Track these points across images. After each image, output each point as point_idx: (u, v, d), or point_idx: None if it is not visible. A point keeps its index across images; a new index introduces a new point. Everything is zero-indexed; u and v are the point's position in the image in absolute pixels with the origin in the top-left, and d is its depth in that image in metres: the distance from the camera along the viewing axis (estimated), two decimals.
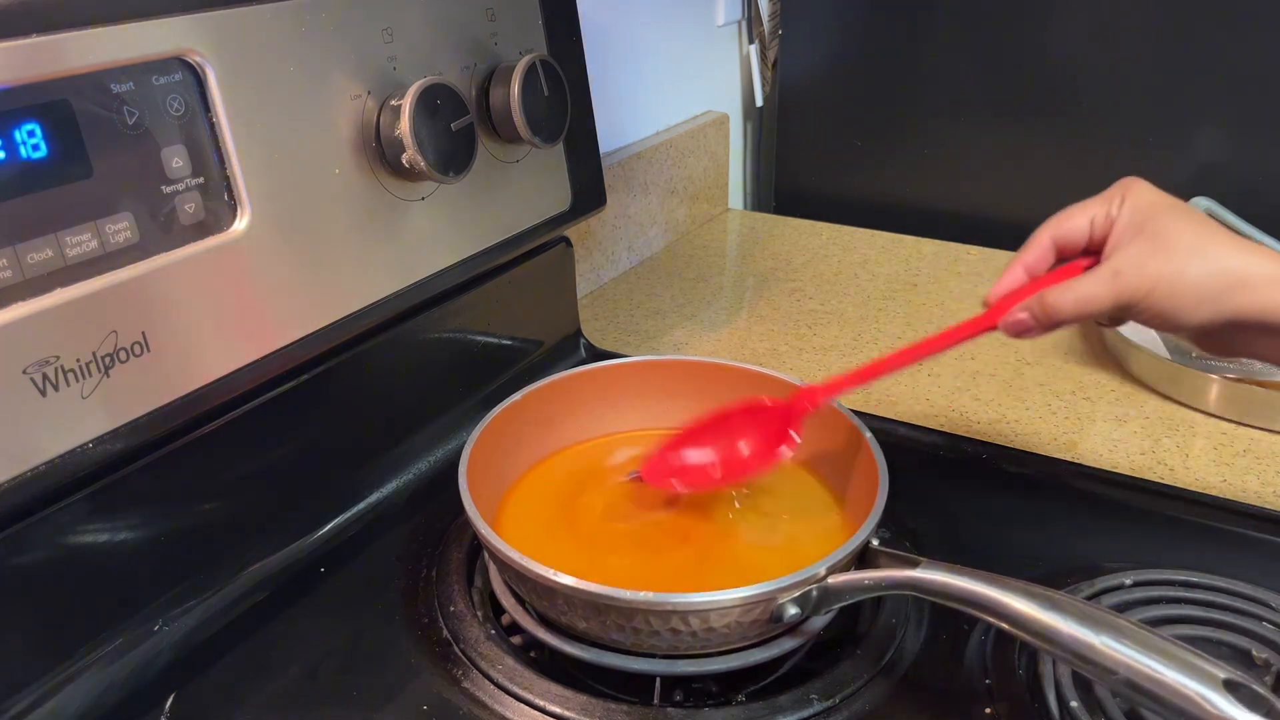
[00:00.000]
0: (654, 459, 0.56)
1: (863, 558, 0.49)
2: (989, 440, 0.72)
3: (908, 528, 0.60)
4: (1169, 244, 0.44)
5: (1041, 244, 0.50)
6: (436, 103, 0.56)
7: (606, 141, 0.99)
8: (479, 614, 0.53)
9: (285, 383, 0.56)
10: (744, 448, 0.55)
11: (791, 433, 0.54)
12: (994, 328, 0.50)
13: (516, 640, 0.53)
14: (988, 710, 0.48)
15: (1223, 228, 0.45)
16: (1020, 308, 0.48)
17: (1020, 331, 0.49)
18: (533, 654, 0.53)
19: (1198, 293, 0.44)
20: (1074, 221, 0.49)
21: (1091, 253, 0.49)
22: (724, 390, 0.63)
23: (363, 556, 0.59)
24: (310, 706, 0.49)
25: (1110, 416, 0.77)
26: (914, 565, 0.45)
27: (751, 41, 1.25)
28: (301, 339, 0.54)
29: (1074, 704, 0.46)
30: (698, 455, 0.55)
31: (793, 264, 1.08)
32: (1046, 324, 0.48)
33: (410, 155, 0.55)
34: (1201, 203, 0.93)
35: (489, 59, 0.63)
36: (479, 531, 0.50)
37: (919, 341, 0.51)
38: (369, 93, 0.55)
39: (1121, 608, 0.52)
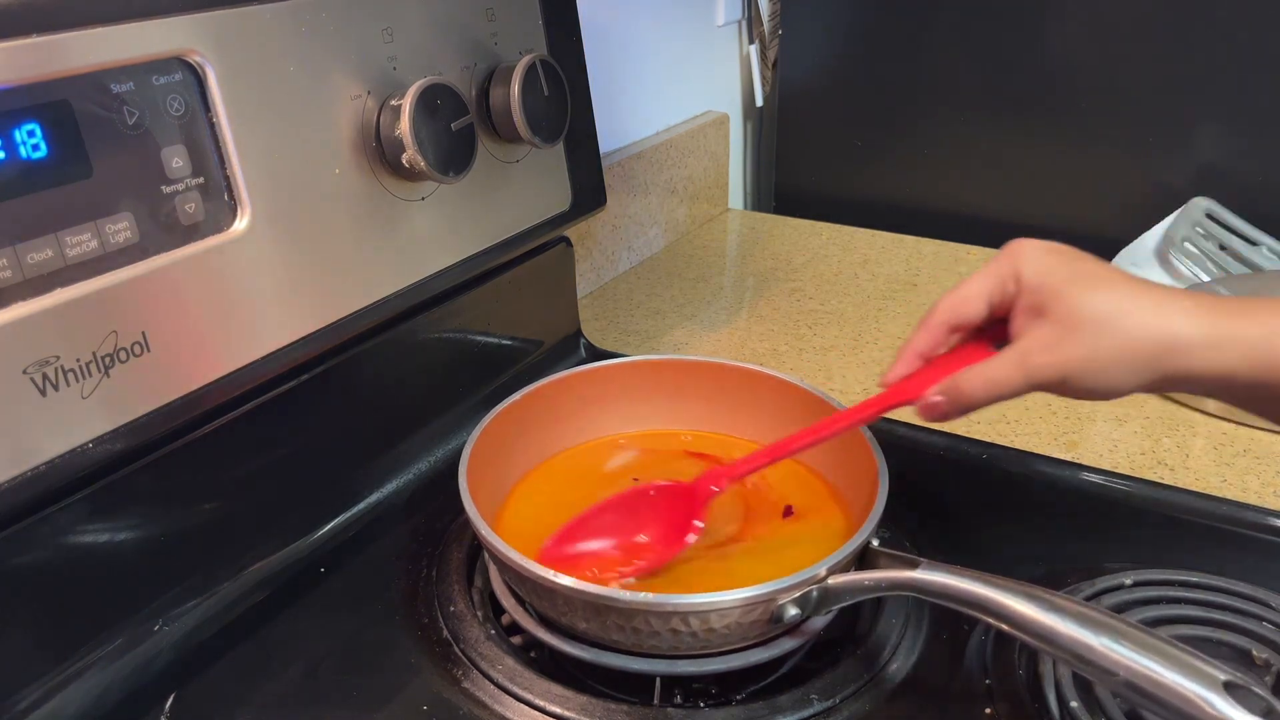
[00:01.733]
0: (551, 545, 0.53)
1: (863, 558, 0.49)
2: (989, 440, 0.72)
3: (908, 528, 0.60)
4: (1077, 324, 0.43)
5: (934, 329, 0.49)
6: (436, 103, 0.56)
7: (606, 141, 0.99)
8: (479, 614, 0.53)
9: (285, 383, 0.56)
10: (646, 535, 0.53)
11: (695, 521, 0.53)
12: (879, 415, 0.50)
13: (516, 640, 0.53)
14: (988, 710, 0.48)
15: (1132, 280, 0.42)
16: (935, 391, 0.47)
17: (937, 415, 0.48)
18: (533, 654, 0.53)
19: (1122, 365, 0.42)
20: (970, 306, 0.47)
21: (995, 326, 0.48)
22: (724, 390, 0.63)
23: (363, 556, 0.59)
24: (310, 706, 0.49)
25: (1110, 416, 0.77)
26: (914, 566, 0.45)
27: (751, 41, 1.25)
28: (301, 339, 0.54)
29: (1074, 704, 0.46)
30: (597, 544, 0.53)
31: (793, 264, 1.08)
32: (960, 407, 0.47)
33: (410, 155, 0.55)
34: (1201, 203, 0.93)
35: (489, 59, 0.63)
36: (479, 532, 0.50)
37: (823, 421, 0.52)
38: (369, 93, 0.55)
39: (1121, 608, 0.52)
